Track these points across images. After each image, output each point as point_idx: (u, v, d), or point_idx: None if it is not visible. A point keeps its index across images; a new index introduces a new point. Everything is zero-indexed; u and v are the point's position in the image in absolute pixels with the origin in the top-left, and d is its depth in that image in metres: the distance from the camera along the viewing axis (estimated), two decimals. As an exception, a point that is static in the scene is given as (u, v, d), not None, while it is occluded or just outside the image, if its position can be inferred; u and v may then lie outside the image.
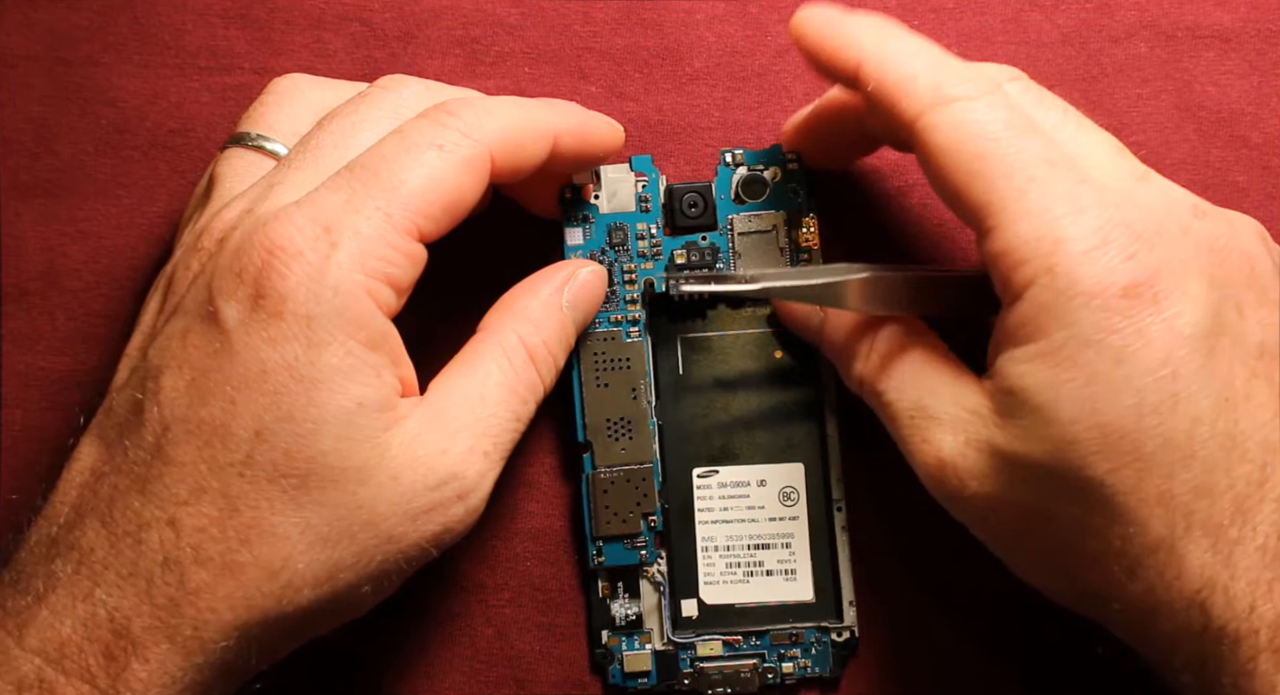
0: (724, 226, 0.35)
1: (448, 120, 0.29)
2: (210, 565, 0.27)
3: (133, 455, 0.27)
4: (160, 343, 0.28)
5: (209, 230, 0.29)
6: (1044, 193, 0.27)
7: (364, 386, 0.28)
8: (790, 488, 0.35)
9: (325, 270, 0.27)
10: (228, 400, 0.27)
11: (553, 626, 0.35)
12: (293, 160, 0.30)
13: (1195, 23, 0.36)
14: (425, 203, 0.29)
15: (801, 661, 0.34)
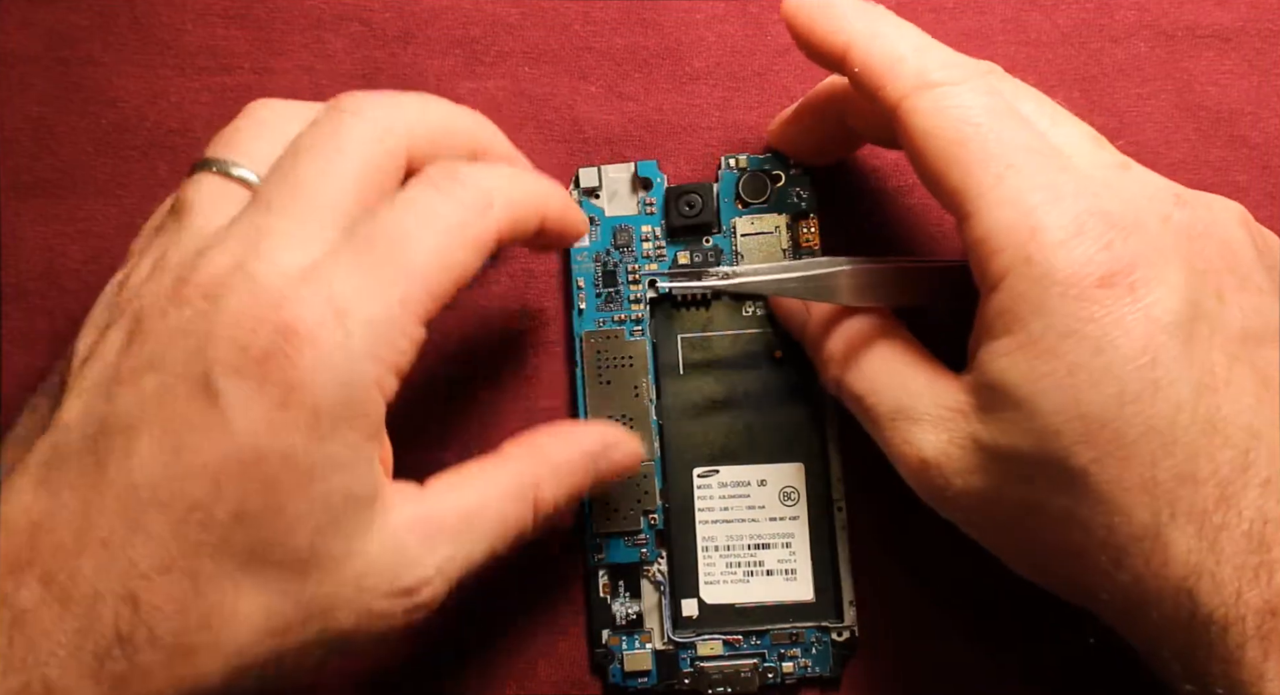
0: (726, 229, 0.35)
1: (465, 197, 0.28)
2: (163, 646, 0.25)
3: (90, 516, 0.25)
4: (133, 394, 0.26)
5: (192, 279, 0.27)
6: (1022, 180, 0.28)
7: (356, 479, 0.27)
8: (790, 487, 0.35)
9: (337, 361, 0.26)
10: (213, 480, 0.25)
11: (552, 626, 0.35)
12: (274, 200, 0.28)
13: (1195, 22, 0.36)
14: (440, 289, 0.27)
15: (802, 661, 0.34)
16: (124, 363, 0.27)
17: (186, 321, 0.26)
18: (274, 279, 0.26)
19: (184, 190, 0.29)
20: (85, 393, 0.27)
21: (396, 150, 0.29)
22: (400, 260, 0.27)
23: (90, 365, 0.27)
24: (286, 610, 0.26)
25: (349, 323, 0.26)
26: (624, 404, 0.35)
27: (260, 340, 0.26)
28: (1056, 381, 0.27)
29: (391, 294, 0.27)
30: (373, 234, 0.27)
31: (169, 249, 0.28)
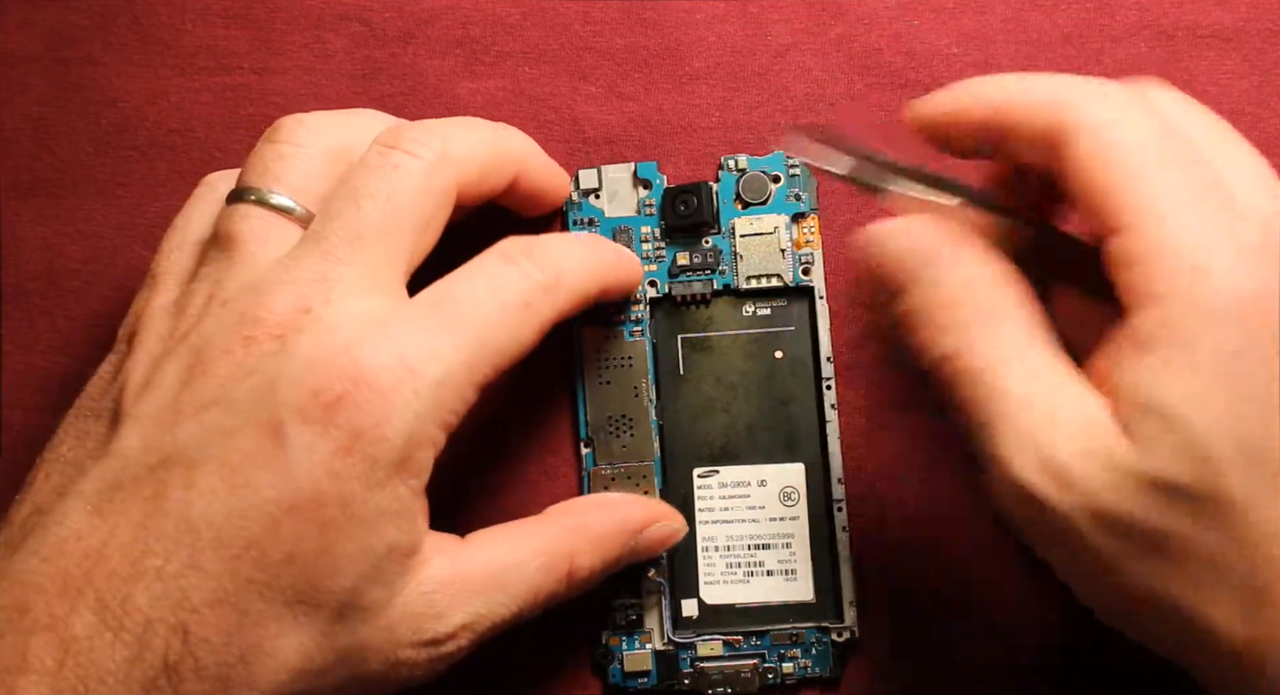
0: (726, 229, 0.35)
1: (534, 275, 0.29)
2: (207, 677, 0.26)
3: (145, 546, 0.26)
4: (195, 429, 0.27)
5: (258, 318, 0.27)
6: (1189, 219, 0.26)
7: (402, 531, 0.28)
8: (790, 488, 0.35)
9: (402, 416, 0.27)
10: (271, 521, 0.26)
11: (552, 625, 0.35)
12: (338, 251, 0.28)
13: (1195, 22, 0.36)
14: (501, 360, 0.29)
15: (802, 661, 0.34)
16: (185, 396, 0.27)
17: (255, 361, 0.27)
18: (346, 326, 0.27)
19: (229, 222, 0.30)
20: (144, 423, 0.27)
21: (450, 189, 0.30)
22: (468, 327, 0.28)
23: (148, 396, 0.28)
24: (321, 652, 0.27)
25: (418, 381, 0.27)
26: (624, 404, 0.35)
27: (333, 386, 0.27)
28: (1219, 405, 0.25)
29: (458, 357, 0.28)
30: (444, 299, 0.29)
31: (223, 282, 0.29)
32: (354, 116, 0.32)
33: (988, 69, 0.36)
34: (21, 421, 0.36)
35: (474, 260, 0.30)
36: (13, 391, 0.36)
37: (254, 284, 0.28)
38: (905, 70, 0.36)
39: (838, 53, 0.36)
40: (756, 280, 0.35)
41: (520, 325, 0.29)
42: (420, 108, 0.37)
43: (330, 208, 0.29)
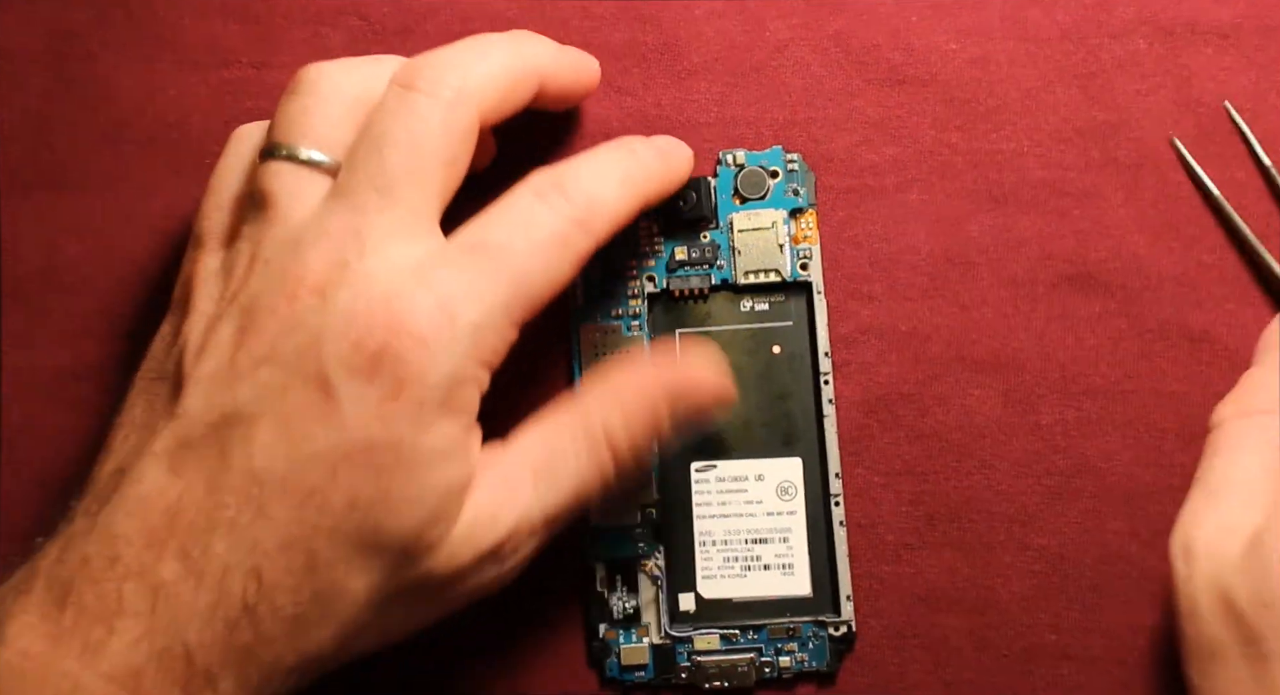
0: (724, 224, 0.35)
1: (567, 210, 0.30)
2: (284, 618, 0.27)
3: (218, 499, 0.27)
4: (250, 387, 0.28)
5: (299, 276, 0.28)
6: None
7: (457, 469, 0.28)
8: (788, 482, 0.35)
9: (444, 360, 0.28)
10: (329, 469, 0.27)
11: (549, 619, 0.35)
12: (368, 201, 0.29)
13: (1194, 18, 0.36)
14: (538, 296, 0.29)
15: (799, 656, 0.34)
16: (239, 356, 0.28)
17: (298, 317, 0.28)
18: (382, 277, 0.28)
19: (262, 182, 0.30)
20: (204, 383, 0.28)
21: (472, 122, 0.30)
22: (504, 268, 0.29)
23: (206, 357, 0.29)
24: (390, 586, 0.28)
25: (457, 325, 0.28)
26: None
27: (373, 337, 0.27)
28: None
29: (495, 299, 0.28)
30: (479, 242, 0.29)
31: (262, 242, 0.30)
32: (375, 61, 0.32)
33: (986, 65, 0.36)
34: (20, 417, 0.36)
35: (506, 197, 0.30)
36: (12, 388, 0.36)
37: (291, 241, 0.29)
38: (903, 66, 0.36)
39: (836, 48, 0.36)
40: (754, 275, 0.35)
41: (556, 262, 0.29)
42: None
43: (355, 159, 0.29)
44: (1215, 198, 0.35)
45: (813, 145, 0.36)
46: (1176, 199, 0.36)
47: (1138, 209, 0.36)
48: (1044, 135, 0.36)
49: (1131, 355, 0.35)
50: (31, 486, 0.36)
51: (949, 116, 0.36)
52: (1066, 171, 0.36)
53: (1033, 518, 0.35)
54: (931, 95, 0.36)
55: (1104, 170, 0.36)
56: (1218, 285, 0.35)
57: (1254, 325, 0.35)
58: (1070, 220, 0.35)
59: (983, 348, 0.35)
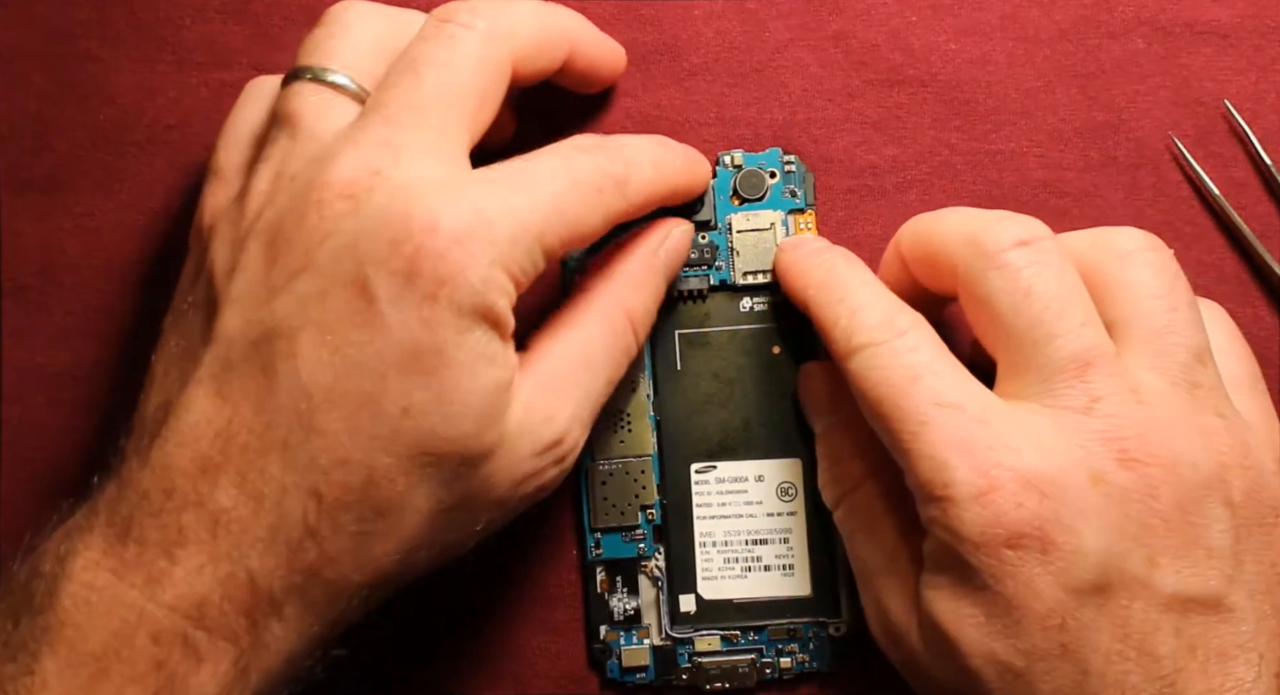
0: (722, 225, 0.35)
1: (606, 166, 0.30)
2: (345, 534, 0.27)
3: (268, 419, 0.27)
4: (289, 299, 0.27)
5: (327, 183, 0.28)
6: (935, 435, 0.28)
7: (499, 371, 0.28)
8: (788, 483, 0.35)
9: (482, 264, 0.27)
10: (378, 375, 0.27)
11: (550, 621, 0.35)
12: (400, 117, 0.29)
13: (1193, 18, 0.36)
14: (571, 236, 0.29)
15: (799, 656, 0.34)
16: (273, 272, 0.28)
17: (331, 222, 0.28)
18: (416, 184, 0.28)
19: (287, 102, 0.30)
20: (239, 302, 0.28)
21: (505, 60, 0.30)
22: (542, 194, 0.29)
23: (237, 277, 0.28)
24: (452, 494, 0.28)
25: (494, 231, 0.27)
26: (621, 399, 0.35)
27: (411, 237, 0.27)
28: (976, 626, 0.28)
29: (531, 219, 0.28)
30: (520, 167, 0.29)
31: (288, 159, 0.29)
32: (402, 10, 0.32)
33: (985, 65, 0.36)
34: (20, 416, 0.36)
35: (549, 147, 0.30)
36: (12, 387, 0.36)
37: (320, 155, 0.29)
38: (903, 66, 0.36)
39: (835, 49, 0.36)
40: (753, 275, 0.35)
41: (592, 207, 0.29)
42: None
43: (389, 78, 0.30)
44: (1215, 198, 0.35)
45: (812, 146, 0.36)
46: (1176, 199, 0.36)
47: (1137, 209, 0.36)
48: (1043, 135, 0.36)
49: (1132, 355, 0.35)
50: (31, 486, 0.36)
51: (949, 116, 0.36)
52: (1066, 171, 0.36)
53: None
54: (931, 95, 0.36)
55: (1103, 170, 0.36)
56: (1218, 285, 0.35)
57: (1254, 325, 0.35)
58: (1070, 220, 0.35)
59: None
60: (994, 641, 0.28)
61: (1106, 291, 0.30)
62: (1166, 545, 0.28)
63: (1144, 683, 0.27)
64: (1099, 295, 0.30)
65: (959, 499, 0.27)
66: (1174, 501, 0.28)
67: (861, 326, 0.30)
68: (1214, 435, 0.29)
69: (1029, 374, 0.29)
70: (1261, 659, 0.28)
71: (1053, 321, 0.29)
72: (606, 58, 0.35)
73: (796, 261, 0.33)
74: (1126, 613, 0.27)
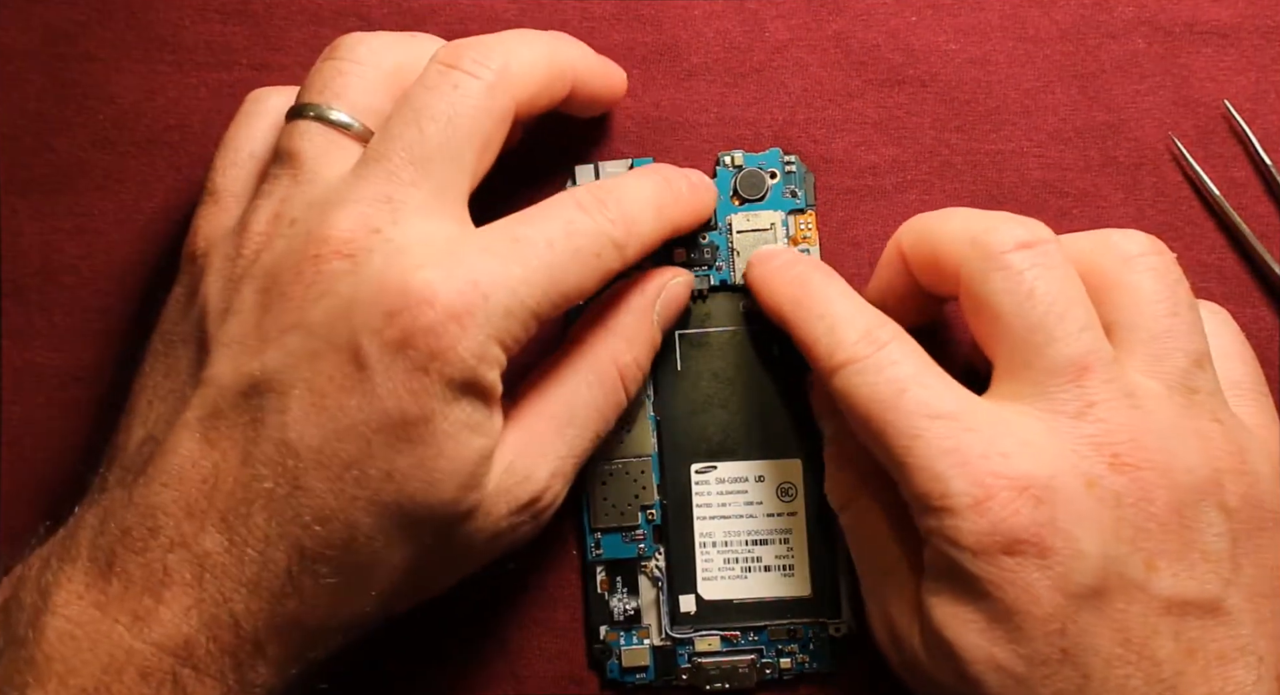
0: (723, 226, 0.35)
1: (611, 231, 0.30)
2: (325, 586, 0.28)
3: (255, 470, 0.27)
4: (279, 354, 0.28)
5: (326, 237, 0.28)
6: (928, 448, 0.28)
7: (484, 438, 0.29)
8: (788, 484, 0.35)
9: (475, 339, 0.27)
10: (364, 440, 0.27)
11: (550, 622, 0.35)
12: (402, 171, 0.29)
13: (1193, 18, 0.36)
14: (563, 299, 0.29)
15: (799, 657, 0.34)
16: (265, 321, 0.28)
17: (326, 281, 0.28)
18: (414, 247, 0.28)
19: (290, 140, 0.30)
20: (231, 348, 0.28)
21: (509, 108, 0.30)
22: (540, 262, 0.29)
23: (230, 321, 0.29)
24: (429, 552, 0.29)
25: (487, 304, 0.28)
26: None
27: (405, 310, 0.27)
28: (977, 631, 0.28)
29: (527, 289, 0.28)
30: (519, 233, 0.29)
31: (288, 201, 0.29)
32: (413, 37, 0.32)
33: (986, 66, 0.36)
34: (20, 417, 0.36)
35: (548, 202, 0.30)
36: (11, 387, 0.36)
37: (320, 202, 0.29)
38: (903, 67, 0.36)
39: (835, 49, 0.36)
40: (754, 276, 0.35)
41: (589, 273, 0.29)
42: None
43: (392, 128, 0.29)
44: (1215, 198, 0.35)
45: (812, 146, 0.36)
46: (1176, 199, 0.36)
47: (1137, 209, 0.36)
48: (1043, 136, 0.36)
49: (1132, 355, 0.35)
50: (31, 486, 0.36)
51: (949, 117, 0.36)
52: (1066, 172, 0.36)
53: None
54: (931, 95, 0.36)
55: (1103, 171, 0.36)
56: (1218, 285, 0.35)
57: (1254, 325, 0.35)
58: (1070, 220, 0.35)
59: (983, 348, 0.35)
60: (995, 647, 0.28)
61: (1107, 294, 0.30)
62: (1162, 549, 0.28)
63: (1145, 686, 0.27)
64: (1100, 298, 0.30)
65: (956, 509, 0.27)
66: (1169, 505, 0.28)
67: (842, 342, 0.30)
68: (1210, 440, 0.29)
69: (1026, 376, 0.29)
70: (1261, 662, 0.28)
71: (1053, 325, 0.29)
72: (608, 87, 0.34)
73: (768, 276, 0.33)
74: (1125, 616, 0.27)
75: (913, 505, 0.29)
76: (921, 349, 0.30)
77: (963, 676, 0.28)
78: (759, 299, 0.34)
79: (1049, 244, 0.29)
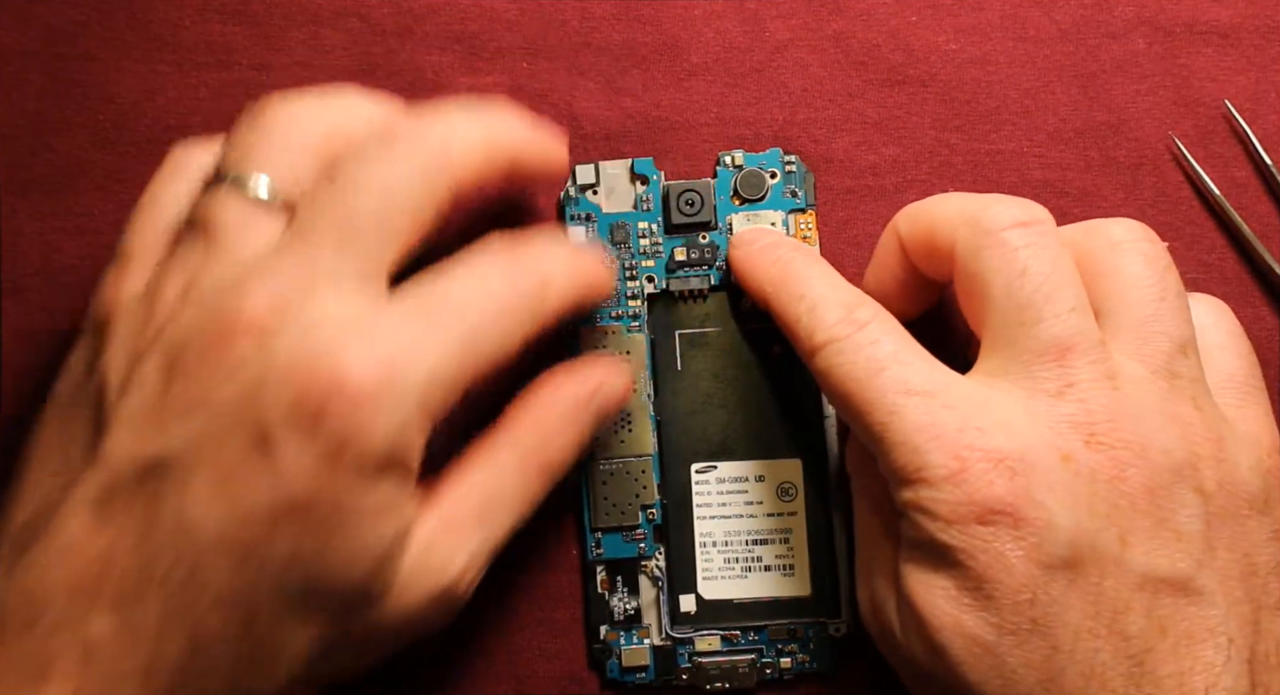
0: (723, 226, 0.35)
1: (526, 285, 0.29)
2: (222, 675, 0.27)
3: (150, 553, 0.26)
4: (182, 433, 0.26)
5: (235, 316, 0.27)
6: (904, 423, 0.28)
7: (396, 521, 0.28)
8: (789, 483, 0.35)
9: (387, 420, 0.26)
10: (268, 523, 0.26)
11: (550, 621, 0.35)
12: (324, 242, 0.27)
13: (1193, 18, 0.36)
14: (487, 362, 0.28)
15: (800, 657, 0.34)
16: (168, 398, 0.27)
17: (234, 361, 0.26)
18: (327, 326, 0.27)
19: (206, 209, 0.29)
20: (130, 424, 0.27)
21: (445, 190, 0.29)
22: (456, 328, 0.28)
23: (130, 397, 0.27)
24: (335, 637, 0.28)
25: (402, 383, 0.26)
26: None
27: (314, 392, 0.26)
28: (947, 599, 0.28)
29: (444, 359, 0.27)
30: (431, 299, 0.28)
31: (199, 275, 0.28)
32: (340, 97, 0.31)
33: (986, 65, 0.36)
34: (20, 417, 0.36)
35: (462, 259, 0.29)
36: (11, 387, 0.36)
37: (233, 278, 0.27)
38: (903, 66, 0.36)
39: (835, 49, 0.36)
40: (754, 276, 0.35)
41: (506, 333, 0.29)
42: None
43: (318, 199, 0.28)
44: (1215, 198, 0.35)
45: (812, 146, 0.36)
46: (1176, 199, 0.36)
47: (1137, 209, 0.36)
48: (1043, 136, 0.36)
49: (1132, 355, 0.35)
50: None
51: (949, 117, 0.36)
52: (1066, 172, 0.36)
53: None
54: (931, 95, 0.36)
55: (1103, 170, 0.36)
56: (1218, 285, 0.35)
57: (1254, 325, 0.35)
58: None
59: (983, 347, 0.35)
60: (964, 614, 0.28)
61: (1097, 278, 0.30)
62: (1135, 525, 0.28)
63: (1113, 661, 0.27)
64: (1089, 281, 0.30)
65: (932, 481, 0.28)
66: (1143, 485, 0.28)
67: (822, 323, 0.30)
68: (1189, 425, 0.29)
69: (1010, 354, 0.29)
70: (1231, 644, 0.28)
71: (1041, 304, 0.29)
72: (546, 166, 0.32)
73: (749, 257, 0.33)
74: (1098, 589, 0.27)
75: (890, 480, 0.29)
76: (902, 328, 0.30)
77: (932, 647, 0.28)
78: (740, 280, 0.34)
79: (1045, 224, 0.30)
